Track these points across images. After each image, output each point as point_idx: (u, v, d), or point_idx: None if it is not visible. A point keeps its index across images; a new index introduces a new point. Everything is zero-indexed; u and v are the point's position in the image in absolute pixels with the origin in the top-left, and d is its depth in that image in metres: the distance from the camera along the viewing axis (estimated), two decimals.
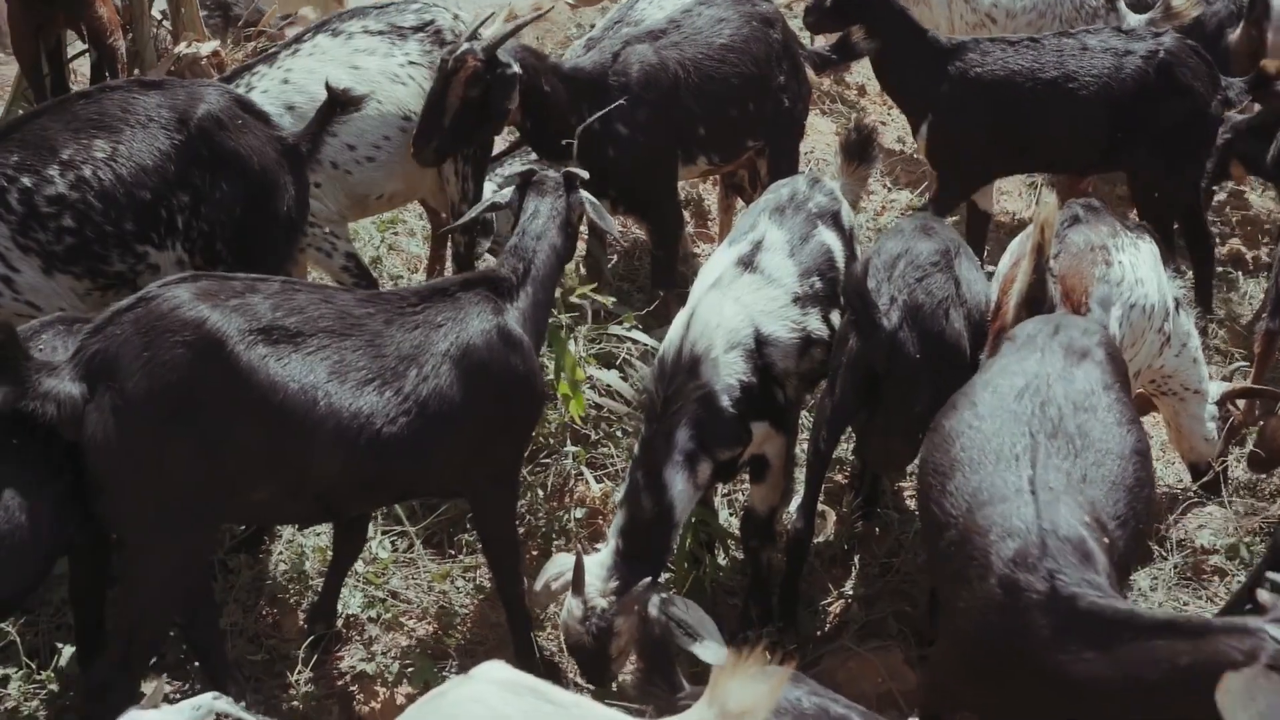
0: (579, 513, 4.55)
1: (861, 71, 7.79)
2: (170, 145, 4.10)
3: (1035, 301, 3.96)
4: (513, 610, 3.88)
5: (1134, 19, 6.38)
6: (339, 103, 4.25)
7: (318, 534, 4.37)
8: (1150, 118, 5.46)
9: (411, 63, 4.95)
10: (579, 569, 3.57)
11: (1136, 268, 4.32)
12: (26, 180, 4.01)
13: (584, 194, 4.07)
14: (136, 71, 6.60)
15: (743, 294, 3.94)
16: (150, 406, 3.12)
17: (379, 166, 4.90)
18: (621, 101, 4.90)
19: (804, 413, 4.52)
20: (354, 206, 4.99)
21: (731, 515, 4.66)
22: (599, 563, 3.64)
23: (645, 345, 4.79)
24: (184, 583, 3.39)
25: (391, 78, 4.90)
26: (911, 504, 4.88)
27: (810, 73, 5.47)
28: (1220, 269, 6.39)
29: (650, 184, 5.18)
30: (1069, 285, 4.06)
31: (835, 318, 4.12)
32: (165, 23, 7.23)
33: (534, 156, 5.74)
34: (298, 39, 4.99)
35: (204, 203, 4.15)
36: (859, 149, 4.63)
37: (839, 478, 4.96)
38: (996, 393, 3.36)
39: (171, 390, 3.13)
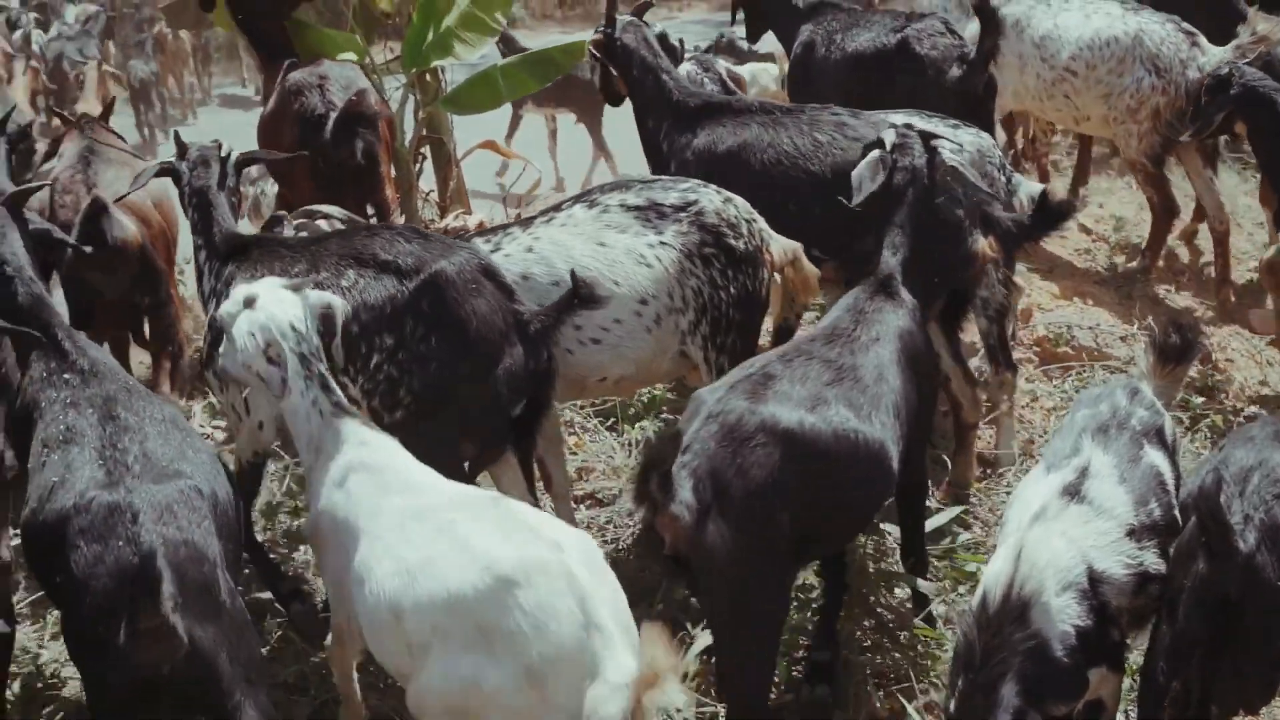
0: None
1: None
2: (396, 289, 4.20)
3: None
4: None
5: (1216, 52, 6.72)
6: (580, 295, 4.17)
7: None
8: (889, 78, 6.36)
9: (663, 244, 4.63)
10: None
11: None
12: None
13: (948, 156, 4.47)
14: None
15: (1071, 527, 3.54)
16: (754, 504, 3.54)
17: (605, 349, 4.61)
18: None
19: None
20: (569, 388, 4.70)
21: None
22: None
23: None
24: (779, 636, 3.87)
25: (637, 259, 4.59)
26: None
27: (984, 244, 4.89)
28: None
29: None
30: None
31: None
32: (432, 194, 7.39)
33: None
34: (556, 207, 4.86)
35: (403, 350, 4.17)
36: (1178, 351, 4.09)
37: None
38: None
39: (767, 486, 3.55)
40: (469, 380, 4.18)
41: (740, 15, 7.43)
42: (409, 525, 3.32)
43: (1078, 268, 7.41)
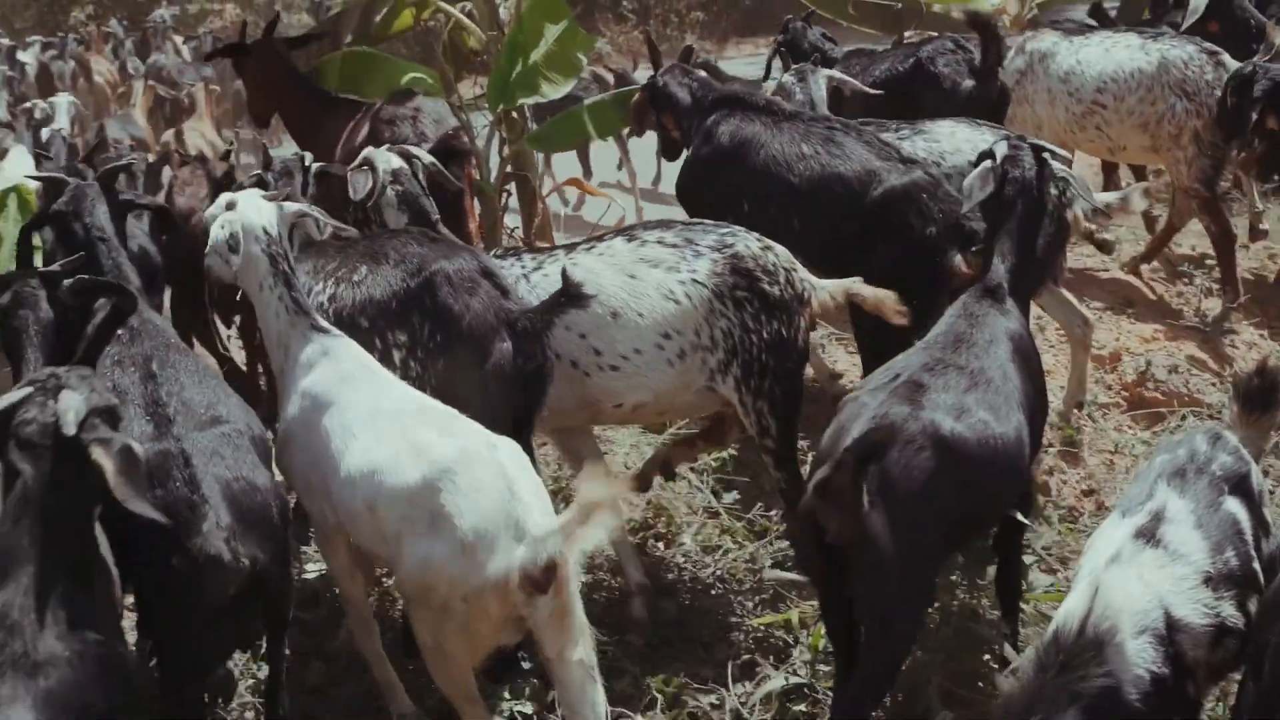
0: None
1: None
2: (401, 286, 4.47)
3: None
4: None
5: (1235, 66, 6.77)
6: (568, 294, 4.32)
7: None
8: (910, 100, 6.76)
9: (695, 281, 4.64)
10: None
11: None
12: (309, 281, 4.52)
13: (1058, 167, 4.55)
14: None
15: (1147, 571, 3.46)
16: (916, 502, 3.75)
17: (622, 377, 4.67)
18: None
19: None
20: (581, 410, 4.75)
21: None
22: None
23: None
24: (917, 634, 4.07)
25: (666, 293, 4.63)
26: None
27: (960, 260, 5.09)
28: None
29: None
30: None
31: (1252, 605, 3.54)
32: (516, 231, 7.46)
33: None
34: (599, 236, 4.94)
35: (418, 346, 4.41)
36: (1262, 396, 3.97)
37: None
38: None
39: (928, 487, 3.76)
40: (468, 374, 4.35)
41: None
42: (380, 424, 3.77)
43: (1168, 309, 7.29)
